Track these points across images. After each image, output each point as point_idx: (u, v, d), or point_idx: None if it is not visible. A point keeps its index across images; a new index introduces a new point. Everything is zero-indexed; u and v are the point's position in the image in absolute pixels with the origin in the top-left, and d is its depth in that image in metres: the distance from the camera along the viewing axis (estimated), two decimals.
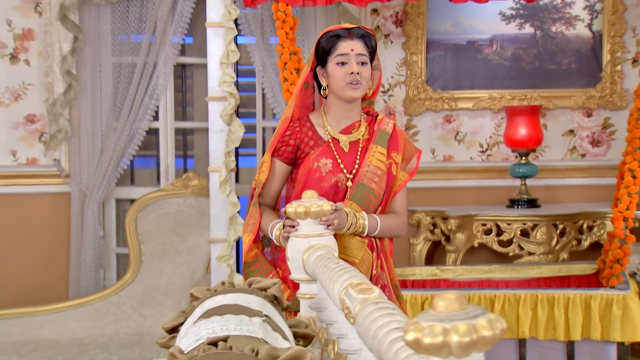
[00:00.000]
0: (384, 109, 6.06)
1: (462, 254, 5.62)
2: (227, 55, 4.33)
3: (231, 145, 4.36)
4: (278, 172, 3.12)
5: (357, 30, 3.02)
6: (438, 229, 5.84)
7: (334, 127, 3.08)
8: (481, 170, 6.11)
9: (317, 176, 3.02)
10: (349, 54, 2.97)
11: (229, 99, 4.34)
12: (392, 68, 6.07)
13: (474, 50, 6.11)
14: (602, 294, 3.77)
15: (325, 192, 2.99)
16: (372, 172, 3.02)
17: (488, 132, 6.13)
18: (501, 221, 5.56)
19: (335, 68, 3.00)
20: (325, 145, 3.06)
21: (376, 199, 3.04)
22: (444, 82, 6.11)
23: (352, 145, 3.07)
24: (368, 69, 3.02)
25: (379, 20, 6.04)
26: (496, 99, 6.09)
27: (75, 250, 5.60)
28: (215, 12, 4.36)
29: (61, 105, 5.47)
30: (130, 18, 5.65)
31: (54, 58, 5.49)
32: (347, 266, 2.21)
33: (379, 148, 3.05)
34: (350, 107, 3.07)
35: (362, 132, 3.10)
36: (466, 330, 1.13)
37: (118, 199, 5.89)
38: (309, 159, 3.04)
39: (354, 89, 2.99)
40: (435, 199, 6.03)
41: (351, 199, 3.01)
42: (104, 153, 5.62)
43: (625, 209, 3.97)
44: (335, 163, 3.03)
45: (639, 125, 4.00)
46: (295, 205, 2.70)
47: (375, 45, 3.06)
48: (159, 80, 5.68)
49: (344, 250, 2.93)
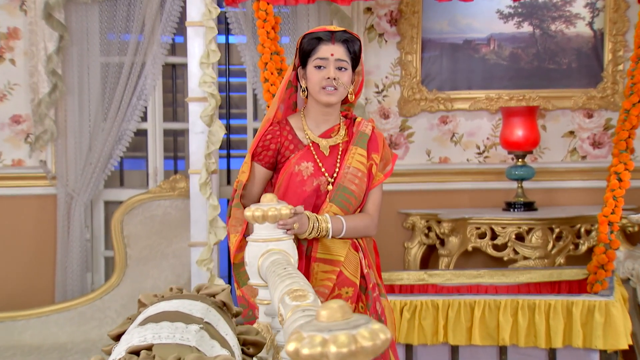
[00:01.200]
0: (378, 109, 6.05)
1: (456, 259, 5.59)
2: (208, 55, 4.33)
3: (211, 147, 4.36)
4: (258, 176, 3.12)
5: (340, 35, 3.02)
6: (433, 233, 5.82)
7: (313, 131, 3.11)
8: (478, 172, 6.08)
9: (298, 180, 3.04)
10: (328, 58, 2.99)
11: (209, 99, 4.34)
12: (387, 68, 6.05)
13: (470, 50, 6.08)
14: (584, 300, 3.74)
15: (307, 195, 3.02)
16: (352, 174, 3.05)
17: (485, 133, 6.10)
18: (495, 225, 5.53)
19: (312, 71, 3.02)
20: (305, 149, 3.07)
21: (356, 200, 3.07)
22: (440, 83, 6.08)
23: (332, 149, 3.09)
24: (347, 74, 3.02)
25: (373, 19, 6.02)
26: (493, 99, 6.06)
27: (62, 254, 5.62)
28: (195, 11, 4.37)
29: (46, 105, 5.49)
30: (118, 17, 5.67)
31: (39, 58, 5.52)
32: (293, 272, 2.19)
33: (359, 150, 3.08)
34: (328, 111, 3.09)
35: (342, 136, 3.12)
36: (345, 341, 1.12)
37: (107, 201, 5.91)
38: (290, 163, 3.06)
39: (328, 94, 3.01)
40: (431, 202, 6.01)
41: (331, 200, 3.03)
42: (91, 154, 5.64)
43: (610, 213, 3.93)
44: (316, 166, 3.05)
45: (625, 127, 3.96)
46: (253, 209, 2.69)
47: (359, 50, 3.06)
48: (147, 80, 5.70)
49: (327, 250, 2.99)
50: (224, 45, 6.12)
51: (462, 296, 3.94)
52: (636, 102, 3.93)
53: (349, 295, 2.98)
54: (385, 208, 5.86)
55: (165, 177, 5.79)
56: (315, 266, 3.00)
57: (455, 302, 3.85)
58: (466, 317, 3.86)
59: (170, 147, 6.04)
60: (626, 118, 3.97)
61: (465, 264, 5.74)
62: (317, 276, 3.00)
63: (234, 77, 6.16)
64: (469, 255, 5.76)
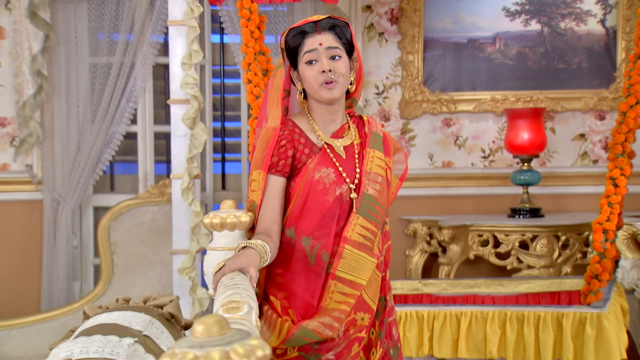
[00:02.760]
0: (378, 112, 6.02)
1: (457, 267, 5.56)
2: (190, 56, 4.32)
3: (194, 151, 4.35)
4: (276, 190, 2.76)
5: (325, 22, 2.74)
6: (435, 240, 5.78)
7: (323, 131, 2.81)
8: (483, 177, 6.04)
9: (320, 188, 2.73)
10: (317, 49, 2.70)
11: (191, 101, 4.33)
12: (387, 68, 6.03)
13: (475, 49, 6.04)
14: (574, 312, 3.68)
15: (330, 206, 2.72)
16: (374, 180, 2.76)
17: (490, 136, 6.06)
18: (498, 232, 5.48)
19: (305, 68, 2.74)
20: (322, 153, 2.77)
21: (382, 209, 2.76)
22: (443, 83, 6.05)
23: (347, 151, 2.80)
24: (343, 62, 2.72)
25: (372, 17, 6.00)
26: (499, 101, 6.02)
27: (48, 261, 5.64)
28: (177, 10, 4.36)
29: (31, 107, 5.51)
30: (106, 16, 5.68)
31: (23, 58, 5.54)
32: (238, 283, 2.18)
33: (377, 152, 2.81)
34: (334, 109, 2.80)
35: (354, 135, 2.84)
36: (217, 357, 1.10)
37: (96, 207, 5.92)
38: (307, 170, 2.74)
39: (329, 89, 2.70)
40: (433, 208, 5.98)
41: (358, 212, 2.72)
42: (79, 158, 5.65)
43: (605, 220, 3.87)
44: (337, 172, 2.75)
45: (621, 130, 3.90)
46: (212, 216, 2.67)
47: (350, 35, 2.77)
48: (137, 81, 5.71)
49: (350, 270, 2.69)
50: (218, 45, 6.12)
51: (448, 307, 3.90)
52: (633, 104, 3.88)
53: (364, 324, 2.73)
54: None
55: (157, 182, 5.79)
56: (333, 284, 2.68)
57: (441, 313, 3.81)
58: (452, 328, 3.81)
59: (161, 150, 6.04)
60: (623, 121, 3.91)
61: (468, 273, 5.69)
62: (333, 296, 2.68)
63: (227, 78, 6.15)
64: (471, 264, 5.72)
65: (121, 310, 2.20)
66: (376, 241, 2.75)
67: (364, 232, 2.71)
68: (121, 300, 2.31)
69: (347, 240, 2.69)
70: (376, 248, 2.74)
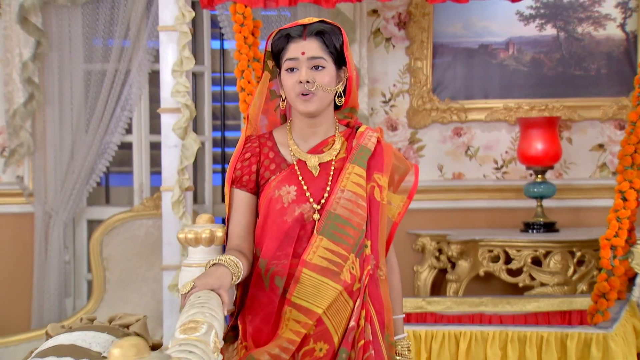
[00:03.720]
0: (385, 120, 6.01)
1: (465, 284, 5.53)
2: (181, 62, 4.34)
3: (185, 162, 4.36)
4: (242, 205, 2.73)
5: (314, 27, 2.64)
6: (444, 256, 5.76)
7: (300, 146, 2.73)
8: (495, 189, 6.01)
9: (278, 208, 2.64)
10: (299, 58, 2.62)
11: (183, 110, 4.34)
12: (395, 75, 6.02)
13: (487, 55, 6.02)
14: (579, 332, 3.64)
15: (288, 227, 2.62)
16: (346, 199, 2.62)
17: (503, 146, 6.03)
18: (510, 247, 5.45)
19: (285, 76, 2.67)
20: (288, 170, 2.69)
21: (357, 232, 2.62)
22: (453, 91, 6.03)
23: (322, 168, 2.70)
24: (327, 73, 2.64)
25: (379, 22, 5.99)
26: (512, 109, 5.99)
27: (39, 277, 5.65)
28: (168, 15, 4.37)
29: (22, 116, 5.54)
30: (100, 21, 5.71)
31: (14, 65, 5.58)
32: (204, 302, 2.17)
33: (356, 168, 2.67)
34: (315, 122, 2.71)
35: (337, 150, 2.72)
36: None
37: (90, 220, 5.94)
38: (269, 187, 2.68)
39: (304, 101, 2.63)
40: (443, 222, 5.95)
41: (321, 233, 2.60)
42: (71, 169, 5.67)
43: (613, 236, 3.84)
44: (299, 190, 2.65)
45: (631, 141, 3.87)
46: (186, 231, 2.68)
47: (342, 41, 2.67)
48: (133, 89, 5.73)
49: (305, 296, 2.57)
50: (218, 51, 6.14)
51: (446, 326, 3.88)
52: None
53: (320, 355, 2.58)
54: None
55: (152, 194, 5.80)
56: (288, 311, 2.58)
57: (439, 332, 3.79)
58: (451, 350, 3.79)
59: (158, 161, 6.01)
60: (632, 131, 3.88)
61: (478, 291, 5.65)
62: (289, 323, 2.58)
63: (227, 85, 6.15)
64: (481, 281, 5.69)
65: (83, 330, 2.20)
66: (347, 266, 2.61)
67: (329, 255, 2.60)
68: (85, 319, 2.31)
69: (306, 263, 2.58)
70: (347, 273, 2.60)
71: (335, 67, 2.67)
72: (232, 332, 2.76)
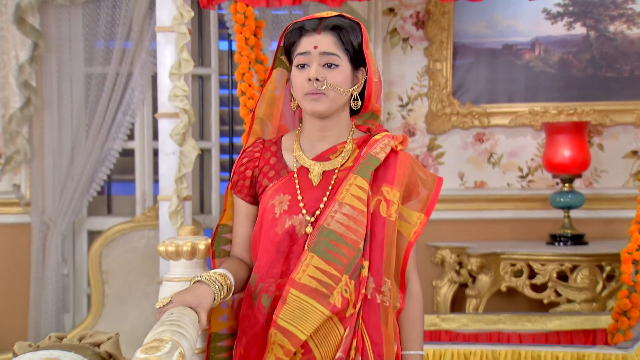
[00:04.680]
0: (402, 126, 5.97)
1: (486, 300, 5.48)
2: (179, 65, 4.32)
3: (183, 170, 4.34)
4: (241, 214, 2.70)
5: (330, 21, 2.53)
6: (465, 269, 5.71)
7: (307, 152, 2.62)
8: (520, 199, 5.95)
9: (270, 219, 2.56)
10: (310, 52, 2.52)
11: (181, 116, 4.32)
12: (412, 78, 5.98)
13: (511, 56, 5.96)
14: (597, 352, 3.57)
15: (279, 240, 2.53)
16: (343, 214, 2.48)
17: (529, 153, 5.97)
18: (534, 261, 5.38)
19: (295, 72, 2.57)
20: (287, 177, 2.59)
21: (351, 251, 2.47)
22: (475, 94, 5.99)
23: (325, 177, 2.58)
24: (340, 72, 2.53)
25: (396, 21, 5.96)
26: (539, 113, 5.93)
27: (36, 291, 5.65)
28: (166, 14, 4.36)
29: (18, 122, 5.56)
30: (101, 21, 5.71)
31: (10, 68, 5.60)
32: (175, 319, 2.15)
33: (358, 180, 2.52)
34: (325, 125, 2.59)
35: (345, 158, 2.60)
36: None
37: (91, 231, 5.94)
38: (265, 196, 2.60)
39: (312, 100, 2.51)
40: (464, 233, 5.90)
41: (312, 249, 2.48)
42: (70, 178, 5.67)
43: (635, 249, 3.77)
44: (293, 201, 2.55)
45: None
46: (167, 244, 2.66)
47: (361, 39, 2.56)
48: (135, 93, 5.72)
49: (291, 319, 2.47)
50: (226, 52, 6.14)
51: (455, 345, 3.82)
52: None
53: None
54: None
55: (155, 203, 5.80)
56: (274, 334, 2.48)
57: (447, 352, 3.73)
58: None
59: None
60: None
61: (499, 308, 5.59)
62: (274, 348, 2.48)
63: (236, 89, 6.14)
64: (503, 296, 5.63)
65: (50, 349, 2.18)
66: (339, 288, 2.46)
67: (320, 275, 2.47)
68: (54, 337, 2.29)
69: (294, 283, 2.47)
70: (338, 297, 2.46)
71: (351, 66, 2.56)
72: (227, 354, 2.70)
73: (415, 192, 2.63)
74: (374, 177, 2.56)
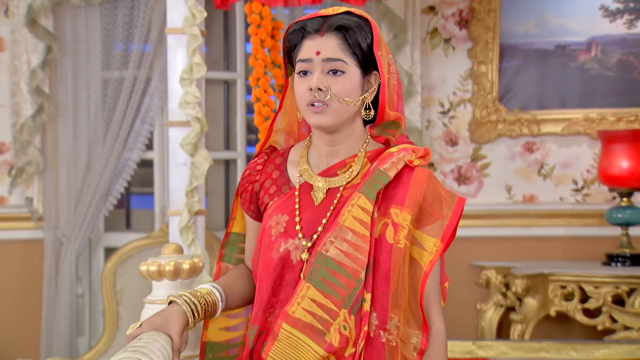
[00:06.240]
0: (444, 134, 5.93)
1: (533, 326, 5.42)
2: (190, 69, 4.34)
3: (195, 182, 4.35)
4: (249, 230, 2.66)
5: (335, 20, 2.41)
6: (511, 291, 5.65)
7: (314, 167, 2.52)
8: (574, 214, 5.88)
9: (267, 241, 2.46)
10: (312, 59, 2.41)
11: (192, 124, 4.34)
12: (455, 82, 5.95)
13: (564, 57, 5.91)
14: None
15: (274, 266, 2.43)
16: (343, 239, 2.36)
17: (584, 164, 5.90)
18: (586, 283, 5.31)
19: (296, 80, 2.46)
20: (288, 194, 2.50)
21: (351, 282, 2.34)
22: (524, 100, 5.94)
23: (329, 196, 2.47)
24: (347, 79, 2.41)
25: (437, 20, 5.93)
26: (595, 121, 5.86)
27: (48, 312, 5.70)
28: (178, 16, 4.38)
29: (29, 131, 5.61)
30: (118, 23, 5.76)
31: (22, 73, 5.66)
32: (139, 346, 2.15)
33: (362, 200, 2.38)
34: (334, 139, 2.49)
35: (352, 174, 2.48)
36: None
37: (108, 247, 5.99)
38: (266, 214, 2.51)
39: (315, 113, 2.40)
40: (511, 252, 5.85)
41: (309, 279, 2.35)
42: (86, 190, 5.72)
43: None
44: (290, 221, 2.44)
45: None
46: (149, 263, 2.67)
47: (372, 39, 2.43)
48: (154, 99, 5.76)
49: (284, 358, 2.36)
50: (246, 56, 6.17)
51: None
52: None
53: None
54: (454, 259, 5.74)
55: None
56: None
57: None
58: None
59: None
60: None
61: (548, 334, 5.54)
62: None
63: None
64: (553, 322, 5.57)
65: None
66: (336, 324, 2.33)
67: (316, 309, 2.33)
68: None
69: (287, 317, 2.33)
70: (335, 334, 2.32)
71: (360, 71, 2.44)
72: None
73: (432, 214, 2.44)
74: (383, 196, 2.42)
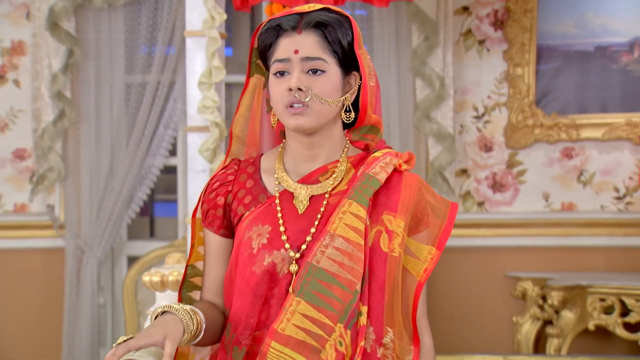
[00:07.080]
0: (478, 140, 5.91)
1: (570, 340, 5.40)
2: (210, 73, 4.37)
3: None
4: (213, 252, 2.53)
5: (312, 16, 2.38)
6: (548, 304, 5.63)
7: (291, 173, 2.46)
8: (616, 223, 5.85)
9: (246, 255, 2.39)
10: (290, 58, 2.36)
11: (211, 129, 4.37)
12: (490, 85, 5.94)
13: (605, 59, 5.88)
14: None
15: (257, 281, 2.37)
16: (335, 248, 2.30)
17: (626, 171, 5.87)
18: (627, 295, 5.29)
19: (272, 81, 2.40)
20: (266, 203, 2.44)
21: (346, 294, 2.29)
22: (562, 104, 5.93)
23: (313, 204, 2.42)
24: (327, 79, 2.37)
25: (470, 21, 5.92)
26: (638, 125, 5.85)
27: (69, 323, 5.75)
28: (197, 18, 4.42)
29: (51, 137, 5.67)
30: (142, 25, 5.81)
31: (43, 78, 5.72)
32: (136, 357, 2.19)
33: (353, 206, 2.34)
34: (313, 142, 2.44)
35: (337, 180, 2.44)
36: None
37: (131, 256, 6.04)
38: (241, 226, 2.44)
39: (294, 115, 2.33)
40: (549, 262, 5.83)
41: (299, 293, 2.28)
42: (108, 197, 5.78)
43: None
44: (274, 232, 2.38)
45: None
46: (152, 274, 2.70)
47: (352, 37, 2.40)
48: (177, 104, 5.80)
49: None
50: None
51: None
52: None
53: None
54: (489, 270, 5.75)
55: None
56: None
57: None
58: None
59: None
60: None
61: (587, 349, 5.51)
62: None
63: None
64: (592, 336, 5.54)
65: None
66: (332, 340, 2.27)
67: (308, 324, 2.27)
68: None
69: (276, 335, 2.26)
70: (331, 351, 2.26)
71: (341, 71, 2.40)
72: None
73: (424, 221, 2.44)
74: (373, 202, 2.39)
